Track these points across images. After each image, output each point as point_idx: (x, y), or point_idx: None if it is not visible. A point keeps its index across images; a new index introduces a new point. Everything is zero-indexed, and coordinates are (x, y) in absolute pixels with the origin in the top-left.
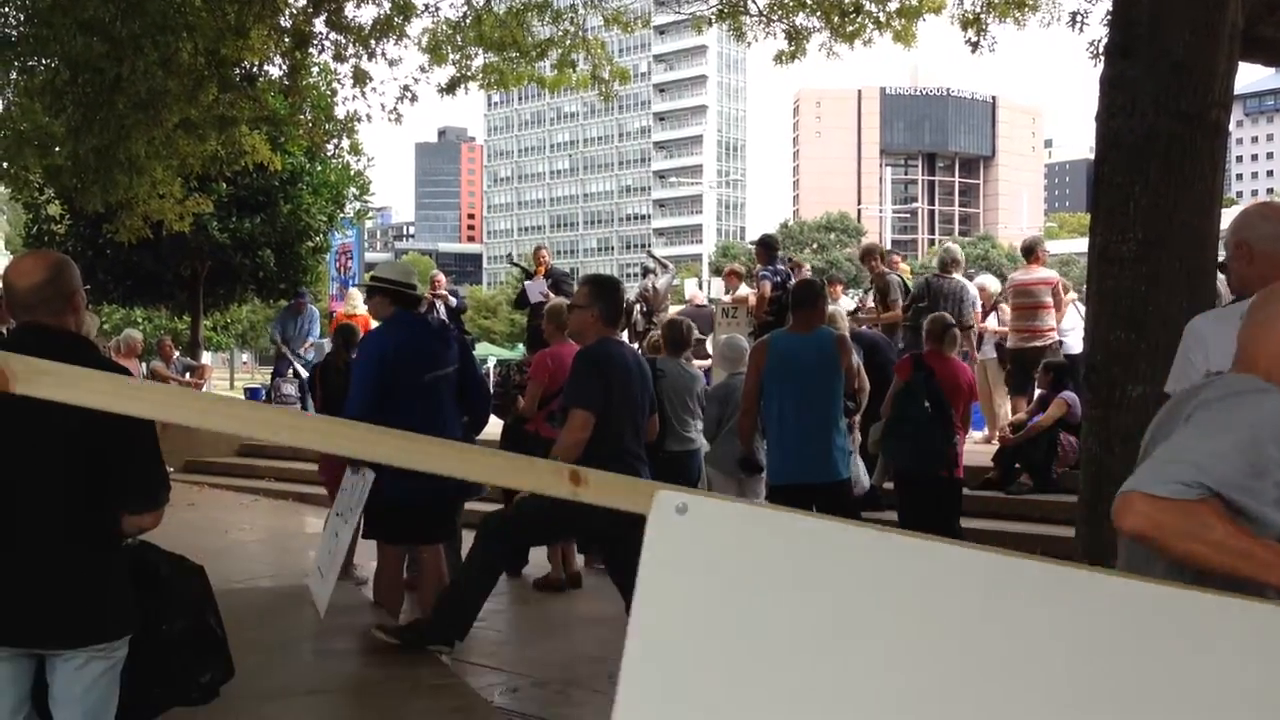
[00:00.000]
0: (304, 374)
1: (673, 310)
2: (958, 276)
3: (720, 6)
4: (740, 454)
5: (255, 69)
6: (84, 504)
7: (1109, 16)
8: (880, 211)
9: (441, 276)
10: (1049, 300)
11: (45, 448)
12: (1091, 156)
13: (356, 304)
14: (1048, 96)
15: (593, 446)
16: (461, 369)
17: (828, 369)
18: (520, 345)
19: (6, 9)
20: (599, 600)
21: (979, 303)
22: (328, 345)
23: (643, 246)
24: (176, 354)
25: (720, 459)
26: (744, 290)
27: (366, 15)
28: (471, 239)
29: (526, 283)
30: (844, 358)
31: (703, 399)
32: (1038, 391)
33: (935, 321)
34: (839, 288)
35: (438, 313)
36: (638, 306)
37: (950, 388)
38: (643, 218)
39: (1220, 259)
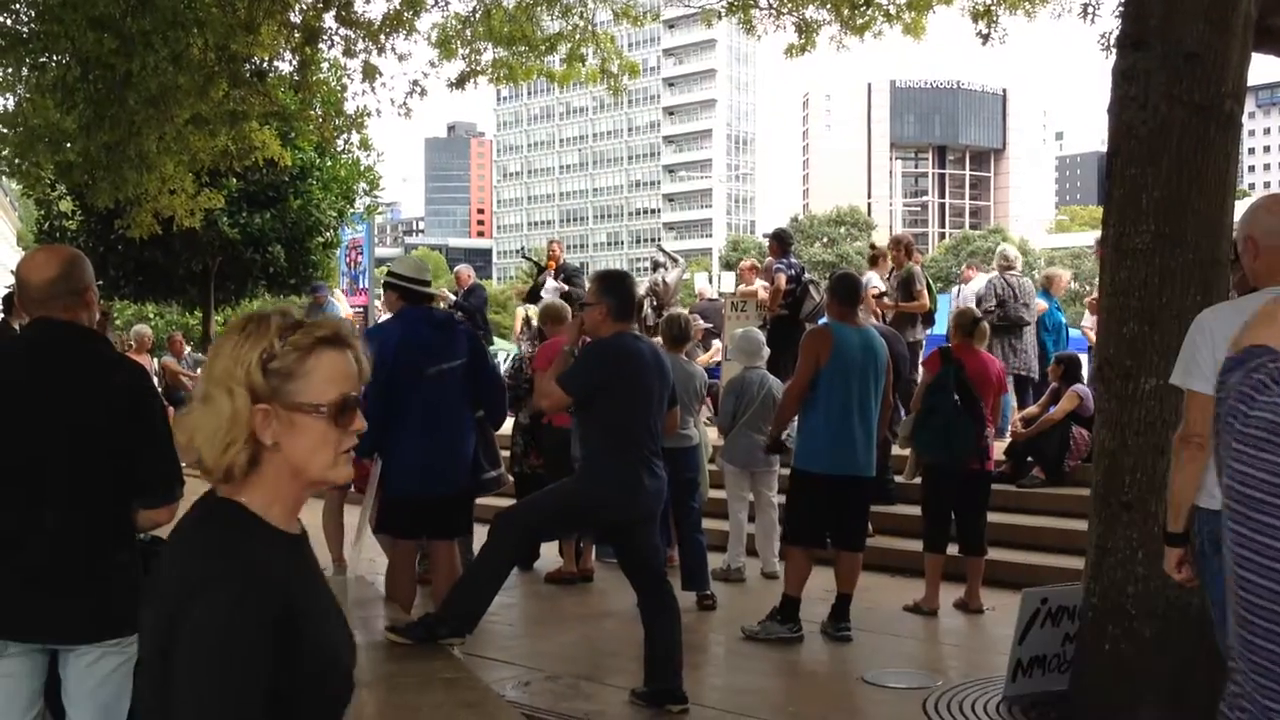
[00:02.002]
0: None
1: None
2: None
3: (730, 0)
4: (771, 438)
5: (265, 65)
6: (106, 499)
7: (1120, 8)
8: (890, 205)
9: (464, 273)
10: None
11: (70, 444)
12: (1103, 149)
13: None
14: (1059, 89)
15: (602, 440)
16: (471, 362)
17: (880, 365)
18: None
19: (17, 5)
20: (611, 594)
21: None
22: None
23: (653, 241)
24: (188, 349)
25: (736, 452)
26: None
27: (376, 10)
28: (481, 234)
29: (544, 279)
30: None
31: (702, 394)
32: (1050, 384)
33: (964, 315)
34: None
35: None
36: (648, 301)
37: (980, 381)
38: (652, 212)
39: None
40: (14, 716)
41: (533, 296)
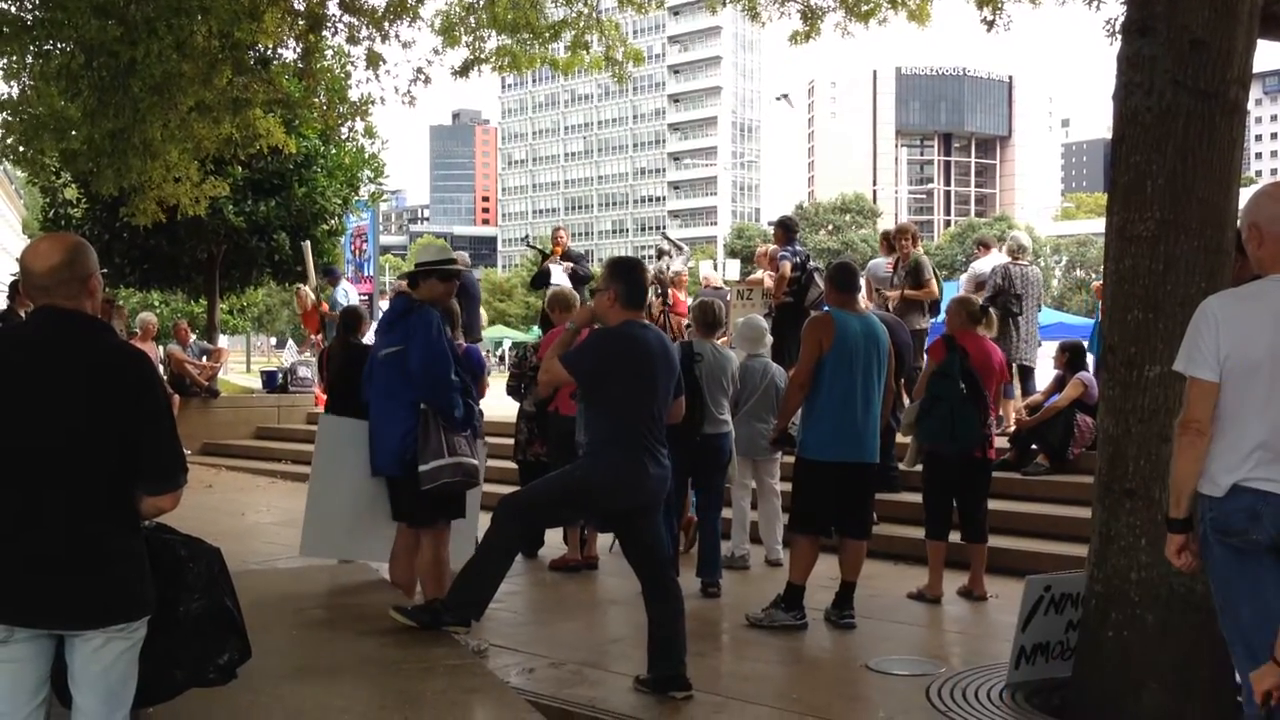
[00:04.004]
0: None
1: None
2: (1027, 262)
3: None
4: (777, 431)
5: (269, 52)
6: (110, 486)
7: None
8: (896, 192)
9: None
10: None
11: (75, 431)
12: (1109, 136)
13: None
14: (1065, 75)
15: (606, 427)
16: (406, 349)
17: (882, 351)
18: (535, 328)
19: None
20: (615, 581)
21: None
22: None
23: (658, 228)
24: (193, 337)
25: (739, 441)
26: (757, 272)
27: None
28: (486, 221)
29: (549, 265)
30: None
31: (737, 381)
32: (1054, 372)
33: (968, 303)
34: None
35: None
36: (653, 289)
37: (983, 368)
38: (657, 200)
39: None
40: (21, 701)
41: (535, 284)
